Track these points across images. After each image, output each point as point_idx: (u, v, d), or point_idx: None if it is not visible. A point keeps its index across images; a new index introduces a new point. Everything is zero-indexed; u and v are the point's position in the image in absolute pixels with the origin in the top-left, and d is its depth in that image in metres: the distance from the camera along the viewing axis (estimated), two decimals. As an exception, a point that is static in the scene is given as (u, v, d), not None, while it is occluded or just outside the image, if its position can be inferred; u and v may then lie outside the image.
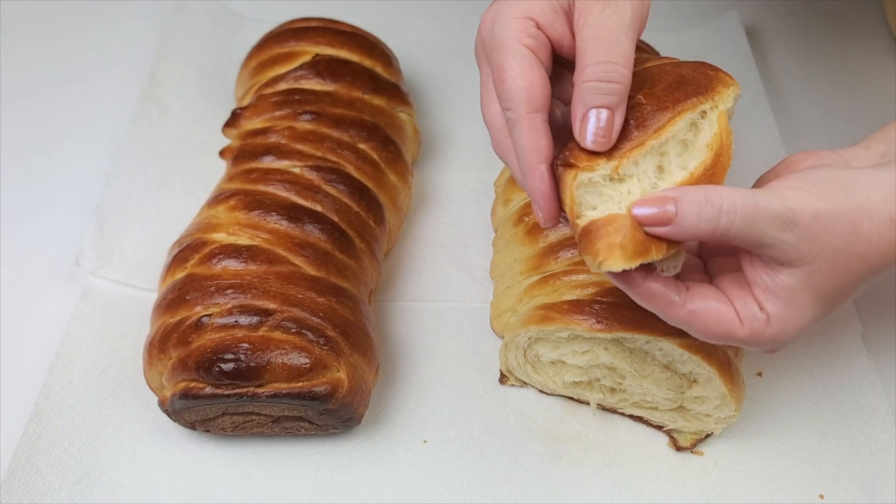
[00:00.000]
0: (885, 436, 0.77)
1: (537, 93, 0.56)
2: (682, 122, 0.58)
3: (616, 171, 0.56)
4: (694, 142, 0.59)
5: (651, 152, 0.57)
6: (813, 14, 1.21)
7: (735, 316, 0.57)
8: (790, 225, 0.53)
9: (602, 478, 0.74)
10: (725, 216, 0.52)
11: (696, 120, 0.60)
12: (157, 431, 0.76)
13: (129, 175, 0.95)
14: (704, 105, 0.59)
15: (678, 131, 0.58)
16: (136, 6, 1.18)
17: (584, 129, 0.56)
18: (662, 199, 0.54)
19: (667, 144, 0.58)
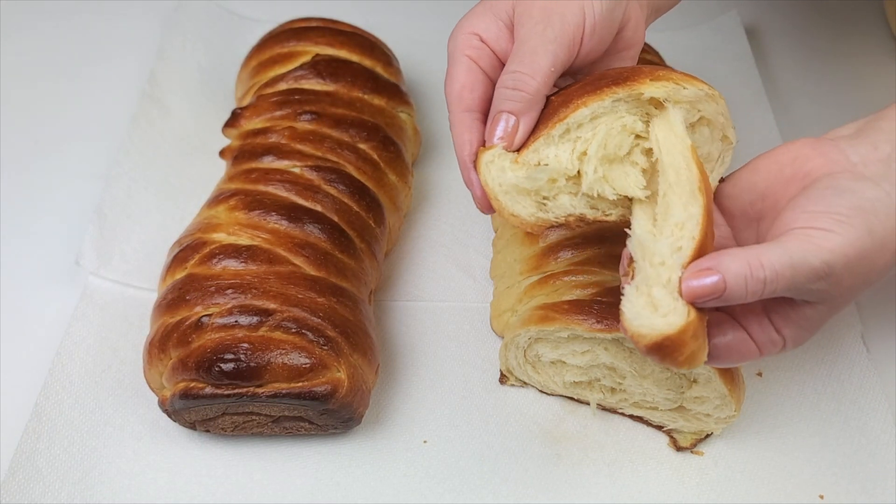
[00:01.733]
0: (885, 436, 0.77)
1: (468, 94, 0.63)
2: (585, 110, 0.59)
3: (517, 161, 0.60)
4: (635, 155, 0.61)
5: (557, 140, 0.60)
6: (813, 14, 1.21)
7: (753, 345, 0.59)
8: (825, 277, 0.55)
9: (602, 478, 0.74)
10: (770, 285, 0.54)
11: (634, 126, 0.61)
12: (158, 431, 0.76)
13: (129, 175, 0.95)
14: (618, 94, 0.60)
15: (582, 118, 0.60)
16: (136, 6, 1.18)
17: (492, 130, 0.61)
18: (705, 270, 0.55)
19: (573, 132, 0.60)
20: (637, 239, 0.57)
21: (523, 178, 0.60)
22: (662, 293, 0.55)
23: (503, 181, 0.61)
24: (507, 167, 0.60)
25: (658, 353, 0.54)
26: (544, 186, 0.61)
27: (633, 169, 0.61)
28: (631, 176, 0.61)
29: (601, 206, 0.62)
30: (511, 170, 0.60)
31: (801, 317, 0.59)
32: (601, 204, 0.62)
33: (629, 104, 0.61)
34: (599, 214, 0.62)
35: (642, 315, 0.55)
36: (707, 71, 1.10)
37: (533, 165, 0.60)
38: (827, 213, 0.56)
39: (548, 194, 0.61)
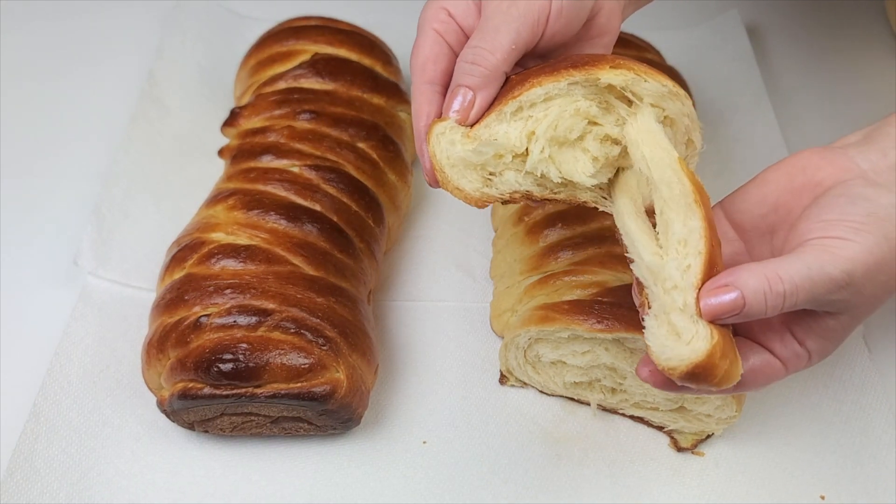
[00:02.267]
0: (886, 437, 0.77)
1: (431, 66, 0.63)
2: (540, 90, 0.59)
3: (468, 135, 0.60)
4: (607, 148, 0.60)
5: (509, 117, 0.60)
6: (814, 13, 1.21)
7: (779, 364, 0.59)
8: (846, 286, 0.55)
9: (602, 479, 0.74)
10: (790, 298, 0.54)
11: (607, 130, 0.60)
12: (156, 432, 0.76)
13: (128, 174, 0.94)
14: (574, 77, 0.59)
15: (535, 97, 0.59)
16: (135, 5, 1.18)
17: (450, 103, 0.61)
18: (722, 287, 0.54)
19: (525, 111, 0.60)
20: (644, 265, 0.56)
21: (470, 152, 0.60)
22: (681, 318, 0.53)
23: (451, 154, 0.60)
24: (457, 140, 0.60)
25: (692, 380, 0.53)
26: (490, 161, 0.60)
27: (583, 155, 0.60)
28: (580, 162, 0.60)
29: (549, 185, 0.61)
30: (460, 143, 0.60)
31: (825, 328, 0.58)
32: (548, 183, 0.61)
33: (586, 89, 0.60)
34: (547, 193, 0.61)
35: (668, 346, 0.53)
36: (707, 70, 1.10)
37: (482, 140, 0.60)
38: (842, 222, 0.56)
39: (494, 170, 0.61)
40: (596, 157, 0.60)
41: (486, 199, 0.61)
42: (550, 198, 0.62)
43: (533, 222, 0.81)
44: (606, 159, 0.60)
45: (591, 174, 0.60)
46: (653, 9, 1.20)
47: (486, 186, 0.61)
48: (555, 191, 0.61)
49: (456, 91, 0.60)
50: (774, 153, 0.99)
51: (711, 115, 1.05)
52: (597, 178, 0.60)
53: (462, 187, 0.61)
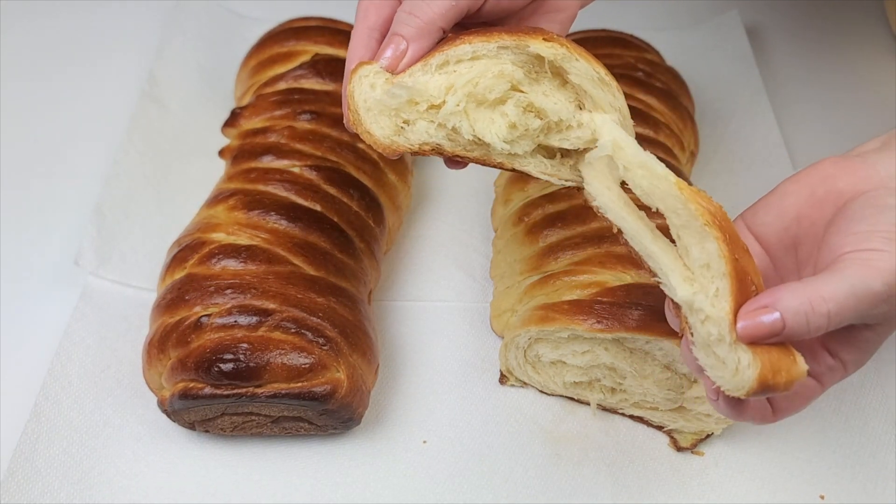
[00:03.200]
0: (885, 436, 0.77)
1: (374, 12, 0.63)
2: (468, 47, 0.59)
3: (390, 81, 0.60)
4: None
5: (433, 69, 0.60)
6: (813, 13, 1.21)
7: (814, 382, 0.58)
8: (887, 300, 0.54)
9: (602, 478, 0.74)
10: (835, 318, 0.53)
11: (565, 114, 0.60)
12: (157, 432, 0.76)
13: (129, 175, 0.94)
14: (505, 41, 0.59)
15: (462, 53, 0.59)
16: (135, 5, 1.18)
17: (383, 50, 0.61)
18: (762, 308, 0.52)
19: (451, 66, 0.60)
20: (677, 298, 0.54)
21: (385, 93, 0.60)
22: (724, 351, 0.53)
23: (368, 96, 0.60)
24: (378, 84, 0.60)
25: (761, 397, 0.54)
26: (405, 108, 0.60)
27: (501, 119, 0.60)
28: (495, 124, 0.60)
29: (460, 141, 0.61)
30: (380, 87, 0.60)
31: (862, 340, 0.57)
32: (460, 138, 0.61)
33: (515, 56, 0.60)
34: (459, 149, 0.61)
35: (725, 378, 0.53)
36: (707, 71, 1.10)
37: (399, 83, 0.60)
38: (875, 233, 0.54)
39: (408, 117, 0.60)
40: (514, 123, 0.60)
41: (395, 148, 0.61)
42: (462, 154, 0.61)
43: (533, 222, 0.81)
44: (526, 131, 0.60)
45: (505, 139, 0.60)
46: (653, 9, 1.21)
47: (397, 135, 0.61)
48: (467, 148, 0.61)
49: (391, 39, 0.60)
50: (774, 153, 0.99)
51: (711, 115, 1.05)
52: (513, 146, 0.60)
53: (372, 132, 0.60)
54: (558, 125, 0.61)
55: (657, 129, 0.88)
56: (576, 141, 0.61)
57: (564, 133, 0.61)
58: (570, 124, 0.60)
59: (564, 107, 0.60)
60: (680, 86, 0.98)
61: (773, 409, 0.58)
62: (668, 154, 0.87)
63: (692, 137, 0.94)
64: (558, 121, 0.60)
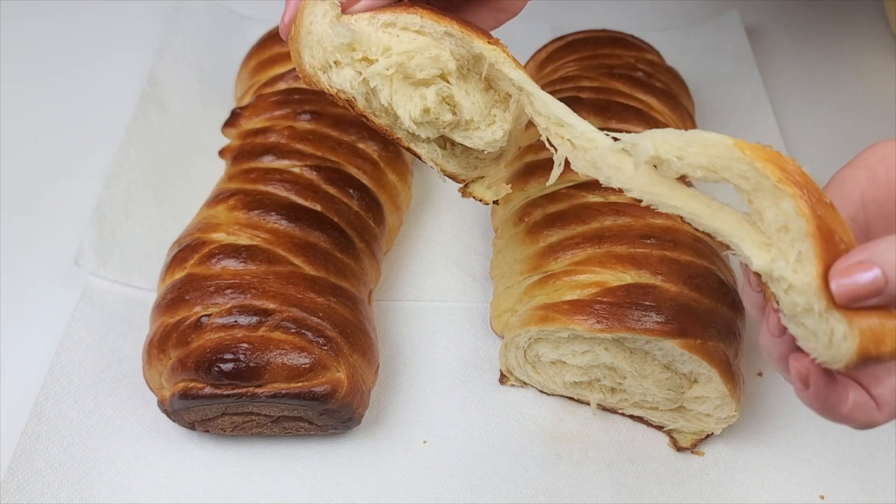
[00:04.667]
0: (885, 436, 0.77)
1: None
2: (417, 18, 0.60)
3: (338, 18, 0.60)
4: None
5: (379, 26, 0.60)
6: (813, 13, 1.21)
7: (873, 403, 0.51)
8: None
9: (602, 478, 0.74)
10: None
11: None
12: (157, 431, 0.76)
13: (129, 175, 0.94)
14: (453, 29, 0.60)
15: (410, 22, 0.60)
16: (135, 5, 1.18)
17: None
18: (857, 265, 0.46)
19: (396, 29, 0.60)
20: (756, 269, 0.49)
21: (330, 29, 0.60)
22: (815, 323, 0.47)
23: (315, 23, 0.61)
24: (329, 15, 0.61)
25: (864, 368, 0.47)
26: (341, 49, 0.61)
27: (419, 100, 0.61)
28: (412, 102, 0.61)
29: (373, 104, 0.62)
30: (329, 19, 0.61)
31: None
32: (375, 102, 0.62)
33: (456, 47, 0.61)
34: (369, 111, 0.63)
35: (819, 350, 0.48)
36: (707, 71, 1.10)
37: (347, 25, 0.60)
38: None
39: (340, 59, 0.61)
40: (428, 108, 0.61)
41: (314, 81, 0.62)
42: (369, 117, 0.63)
43: (533, 222, 0.81)
44: (436, 119, 0.62)
45: (415, 119, 0.61)
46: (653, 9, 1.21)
47: (322, 71, 0.62)
48: (376, 112, 0.63)
49: None
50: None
51: (711, 116, 1.05)
52: (419, 129, 0.62)
53: (303, 55, 0.62)
54: (467, 123, 0.63)
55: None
56: (477, 142, 0.63)
57: (470, 132, 0.63)
58: (477, 126, 0.63)
59: (480, 110, 0.63)
60: (680, 86, 0.98)
61: (878, 403, 0.50)
62: (668, 154, 0.87)
63: (692, 137, 0.94)
64: (469, 120, 0.62)
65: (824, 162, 0.99)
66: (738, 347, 0.74)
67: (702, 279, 0.74)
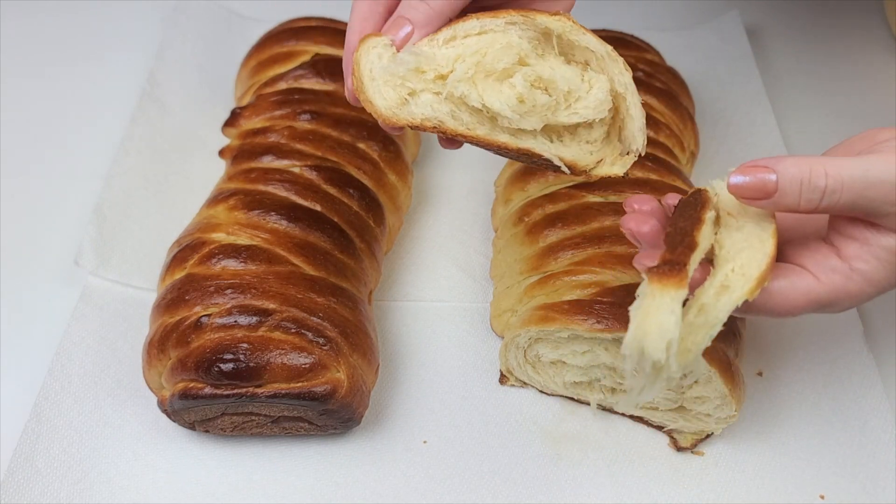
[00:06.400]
0: (885, 436, 0.77)
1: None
2: (476, 22, 0.60)
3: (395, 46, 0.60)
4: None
5: (440, 44, 0.60)
6: (813, 14, 1.21)
7: (810, 276, 0.55)
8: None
9: (602, 478, 0.74)
10: (829, 196, 0.51)
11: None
12: (157, 432, 0.76)
13: (129, 175, 0.94)
14: (513, 17, 0.60)
15: (470, 28, 0.59)
16: (135, 5, 1.18)
17: (388, 29, 0.60)
18: (762, 167, 0.52)
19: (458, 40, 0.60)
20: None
21: (392, 61, 0.59)
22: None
23: (375, 65, 0.59)
24: (385, 56, 0.60)
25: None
26: (411, 76, 0.59)
27: (509, 90, 0.59)
28: (503, 93, 0.59)
29: (463, 118, 0.60)
30: (387, 58, 0.60)
31: (881, 246, 0.54)
32: (462, 114, 0.60)
33: (522, 31, 0.60)
34: (461, 126, 0.60)
35: None
36: (707, 71, 1.10)
37: (407, 49, 0.60)
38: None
39: (414, 86, 0.60)
40: (522, 96, 0.59)
41: (396, 120, 0.60)
42: (464, 133, 0.60)
43: (533, 222, 0.81)
44: (534, 106, 0.60)
45: (514, 109, 0.59)
46: (653, 9, 1.21)
47: (400, 108, 0.60)
48: (469, 126, 0.60)
49: (398, 22, 0.60)
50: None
51: (711, 116, 1.05)
52: (522, 120, 0.60)
53: (375, 101, 0.60)
54: (567, 97, 0.60)
55: (657, 129, 0.88)
56: (584, 111, 0.60)
57: (572, 107, 0.61)
58: (577, 97, 0.60)
59: (571, 79, 0.60)
60: (680, 86, 0.98)
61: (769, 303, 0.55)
62: (668, 154, 0.87)
63: (692, 138, 0.94)
64: (567, 93, 0.60)
65: (824, 162, 1.00)
66: (737, 347, 0.74)
67: (702, 279, 0.74)
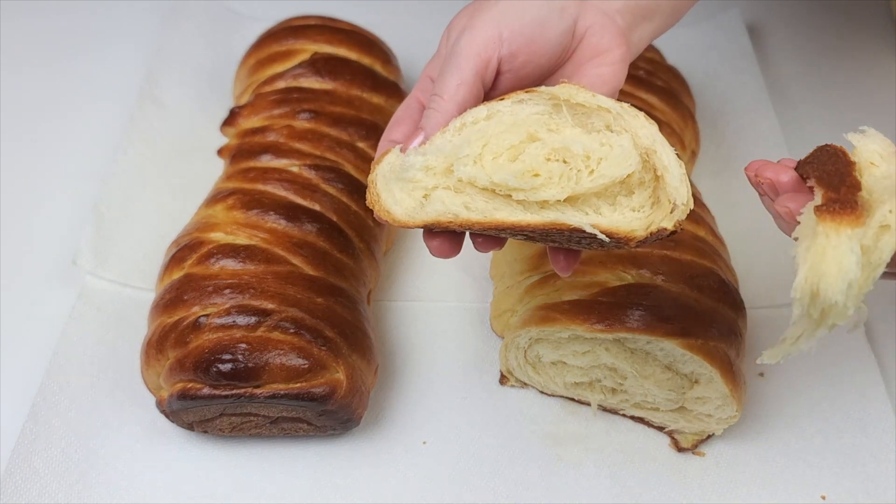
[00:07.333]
0: (887, 436, 0.76)
1: (396, 128, 0.63)
2: (483, 109, 0.58)
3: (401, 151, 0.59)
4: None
5: (451, 135, 0.58)
6: (815, 11, 1.21)
7: None
8: None
9: (603, 479, 0.74)
10: None
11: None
12: (155, 432, 0.76)
13: (127, 174, 0.94)
14: (520, 95, 0.58)
15: (478, 115, 0.58)
16: (135, 5, 1.18)
17: (408, 141, 0.60)
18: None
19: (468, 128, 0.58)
20: None
21: (399, 164, 0.58)
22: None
23: (385, 172, 0.59)
24: (395, 165, 0.59)
25: None
26: (419, 176, 0.58)
27: (519, 165, 0.56)
28: (512, 167, 0.56)
29: (477, 206, 0.57)
30: (397, 164, 0.59)
31: None
32: (477, 201, 0.57)
33: (532, 107, 0.57)
34: (476, 215, 0.57)
35: None
36: (708, 70, 1.10)
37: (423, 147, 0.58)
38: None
39: (426, 185, 0.58)
40: (535, 169, 0.56)
41: (414, 223, 0.58)
42: (481, 222, 0.57)
43: (533, 222, 0.81)
44: (550, 178, 0.56)
45: (525, 180, 0.55)
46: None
47: (417, 210, 0.58)
48: (486, 213, 0.57)
49: (416, 133, 0.60)
50: (775, 152, 0.99)
51: (711, 115, 1.05)
52: (542, 191, 0.56)
53: (395, 213, 0.58)
54: (587, 163, 0.55)
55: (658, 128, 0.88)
56: (609, 170, 0.55)
57: (597, 170, 0.55)
58: (600, 157, 0.55)
59: (589, 142, 0.56)
60: (681, 84, 0.97)
61: None
62: (668, 153, 0.86)
63: (693, 136, 0.94)
64: (586, 157, 0.55)
65: (826, 161, 0.99)
66: (739, 347, 0.73)
67: (703, 279, 0.73)
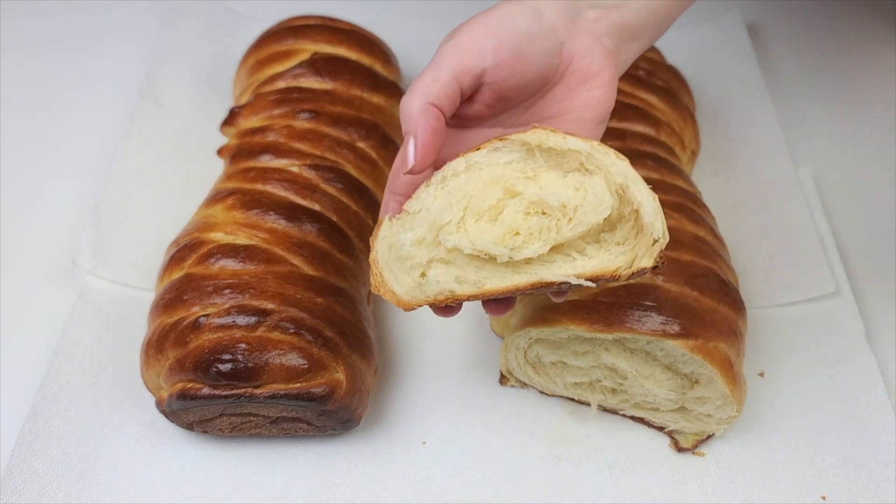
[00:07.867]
0: (887, 436, 0.76)
1: (395, 176, 0.61)
2: (461, 161, 0.57)
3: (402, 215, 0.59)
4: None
5: (434, 188, 0.57)
6: (815, 12, 1.21)
7: None
8: None
9: (603, 479, 0.74)
10: None
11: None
12: (155, 432, 0.76)
13: (127, 174, 0.94)
14: (495, 144, 0.57)
15: (457, 167, 0.57)
16: (134, 5, 1.18)
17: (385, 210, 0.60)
18: None
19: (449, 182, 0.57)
20: None
21: (392, 232, 0.57)
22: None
23: (384, 251, 0.58)
24: (391, 226, 0.58)
25: None
26: (413, 251, 0.57)
27: (499, 228, 0.56)
28: (493, 232, 0.56)
29: (468, 277, 0.57)
30: (391, 227, 0.58)
31: None
32: (467, 272, 0.57)
33: (507, 154, 0.57)
34: (471, 288, 0.57)
35: None
36: (708, 70, 1.10)
37: (411, 214, 0.58)
38: None
39: (420, 259, 0.58)
40: (515, 228, 0.56)
41: (416, 304, 0.58)
42: (476, 295, 0.57)
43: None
44: (531, 234, 0.56)
45: (503, 243, 0.55)
46: (653, 7, 1.21)
47: (417, 290, 0.58)
48: (477, 284, 0.57)
49: (390, 198, 0.60)
50: (775, 152, 0.99)
51: (711, 115, 1.05)
52: (525, 249, 0.56)
53: (396, 291, 0.58)
54: (562, 211, 0.56)
55: (658, 127, 0.88)
56: (586, 217, 0.55)
57: (574, 218, 0.55)
58: (576, 205, 0.55)
59: (563, 190, 0.56)
60: (681, 84, 0.97)
61: None
62: (668, 153, 0.87)
63: (693, 136, 0.94)
64: (562, 207, 0.55)
65: (826, 161, 0.99)
66: (739, 348, 0.73)
67: (703, 279, 0.73)
